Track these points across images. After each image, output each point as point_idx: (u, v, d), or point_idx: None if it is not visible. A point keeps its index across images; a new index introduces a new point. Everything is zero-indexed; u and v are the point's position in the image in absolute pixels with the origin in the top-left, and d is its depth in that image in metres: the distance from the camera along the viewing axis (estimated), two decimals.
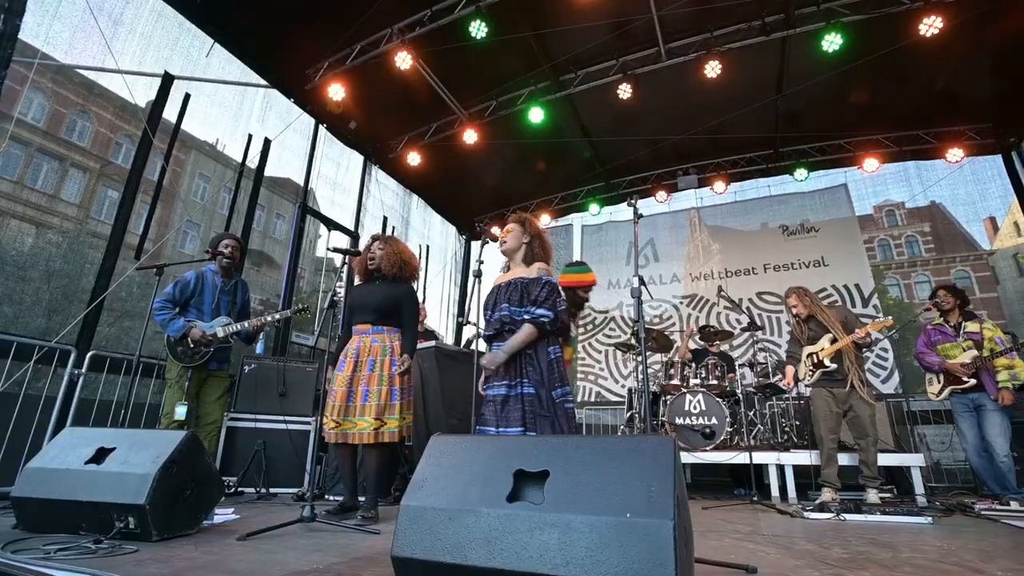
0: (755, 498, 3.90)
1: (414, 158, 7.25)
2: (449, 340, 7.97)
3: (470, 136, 6.78)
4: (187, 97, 5.18)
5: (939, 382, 4.26)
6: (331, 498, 3.79)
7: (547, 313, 2.53)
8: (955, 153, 6.88)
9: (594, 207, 8.64)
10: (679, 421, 4.83)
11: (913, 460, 4.11)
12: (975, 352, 4.05)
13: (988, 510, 3.55)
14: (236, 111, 6.30)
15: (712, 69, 5.83)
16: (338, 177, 7.29)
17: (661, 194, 8.18)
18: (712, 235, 8.49)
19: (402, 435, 3.09)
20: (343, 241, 7.12)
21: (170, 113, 5.06)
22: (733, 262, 8.03)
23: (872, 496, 3.73)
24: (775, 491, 4.34)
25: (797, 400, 5.14)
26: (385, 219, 7.76)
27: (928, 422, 5.64)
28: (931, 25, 5.11)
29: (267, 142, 6.16)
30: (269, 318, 3.51)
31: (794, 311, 4.30)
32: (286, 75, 6.07)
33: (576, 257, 9.34)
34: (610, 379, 8.08)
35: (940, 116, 6.84)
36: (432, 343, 4.28)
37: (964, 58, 5.81)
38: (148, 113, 4.87)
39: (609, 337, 8.32)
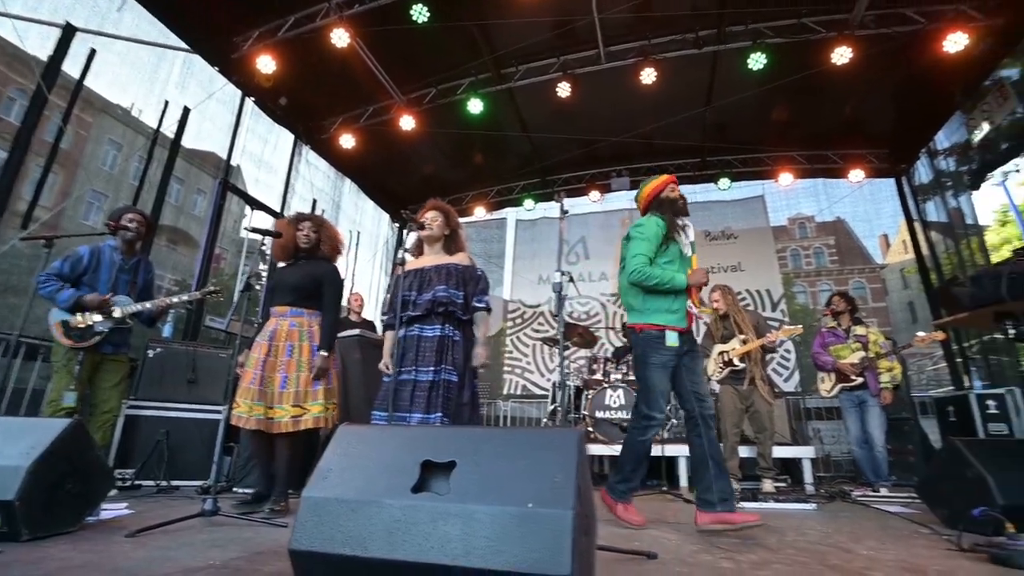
0: (664, 488, 4.11)
1: (348, 140, 7.01)
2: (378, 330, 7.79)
3: (407, 122, 6.63)
4: (92, 53, 4.72)
5: (830, 380, 4.68)
6: (241, 491, 3.61)
7: (490, 304, 2.64)
8: (856, 174, 7.53)
9: (529, 202, 8.72)
10: (599, 415, 5.00)
11: (805, 452, 4.50)
12: (862, 353, 4.48)
13: (863, 496, 3.95)
14: (151, 75, 5.82)
15: (648, 76, 6.02)
16: (265, 155, 6.91)
17: (594, 193, 8.38)
18: None
19: (328, 422, 2.90)
20: (269, 222, 6.77)
21: (74, 70, 4.60)
22: None
23: (767, 486, 4.04)
24: (684, 481, 4.59)
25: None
26: (315, 202, 7.45)
27: (821, 418, 6.17)
28: (843, 55, 5.54)
29: (186, 111, 5.74)
30: (174, 299, 3.25)
31: (715, 306, 4.56)
32: (211, 41, 5.67)
33: (508, 252, 9.42)
34: (536, 373, 8.22)
35: (846, 139, 7.45)
36: (356, 331, 4.17)
37: (870, 88, 6.35)
38: (46, 67, 4.40)
39: (537, 332, 8.46)
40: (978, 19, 5.22)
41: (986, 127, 5.80)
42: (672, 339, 2.60)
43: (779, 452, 4.40)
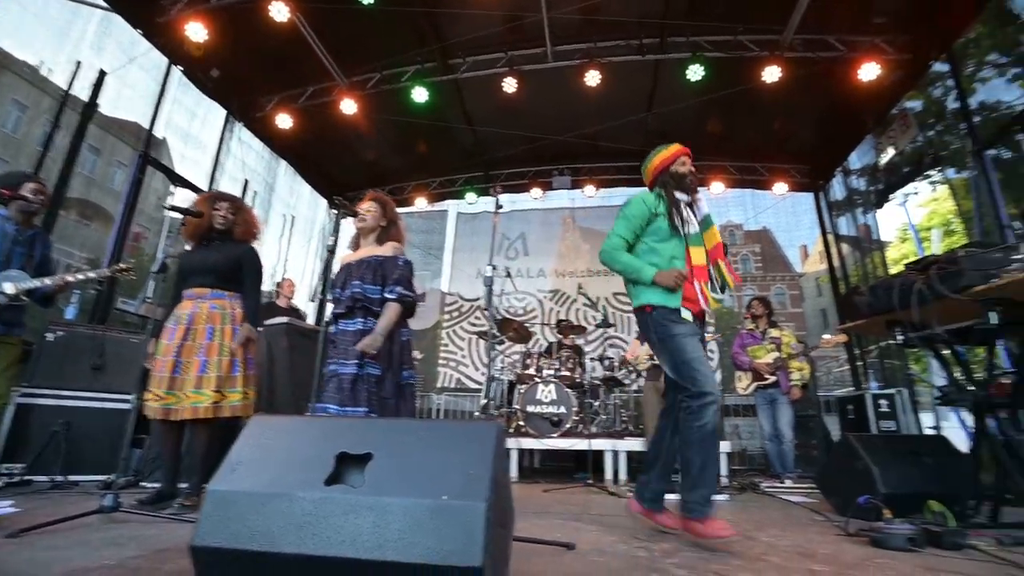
0: (589, 481, 4.24)
1: (285, 120, 6.70)
2: (311, 320, 7.53)
3: (349, 106, 6.42)
4: None
5: (747, 379, 5.01)
6: (150, 486, 3.39)
7: (408, 292, 2.55)
8: (780, 187, 8.03)
9: (471, 196, 8.68)
10: (530, 409, 5.07)
11: (722, 447, 4.77)
12: (776, 354, 4.81)
13: (770, 487, 4.24)
14: (62, 32, 5.33)
15: (592, 78, 6.14)
16: (193, 129, 6.50)
17: (536, 191, 8.46)
18: (583, 236, 9.02)
19: (245, 411, 2.79)
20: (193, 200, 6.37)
21: None
22: (598, 263, 8.63)
23: None
24: (609, 475, 4.75)
25: (637, 392, 5.67)
26: (247, 182, 7.08)
27: (739, 415, 6.56)
28: (772, 74, 5.88)
29: (102, 74, 5.28)
30: (78, 276, 2.99)
31: None
32: (133, 0, 5.25)
33: (448, 244, 9.37)
34: (471, 367, 8.24)
35: (773, 153, 7.93)
36: (284, 319, 4.02)
37: (795, 107, 6.78)
38: None
39: (473, 325, 8.47)
40: (889, 53, 5.69)
41: (891, 151, 6.35)
42: (687, 314, 2.30)
43: None
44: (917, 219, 11.65)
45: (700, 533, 2.11)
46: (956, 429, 4.89)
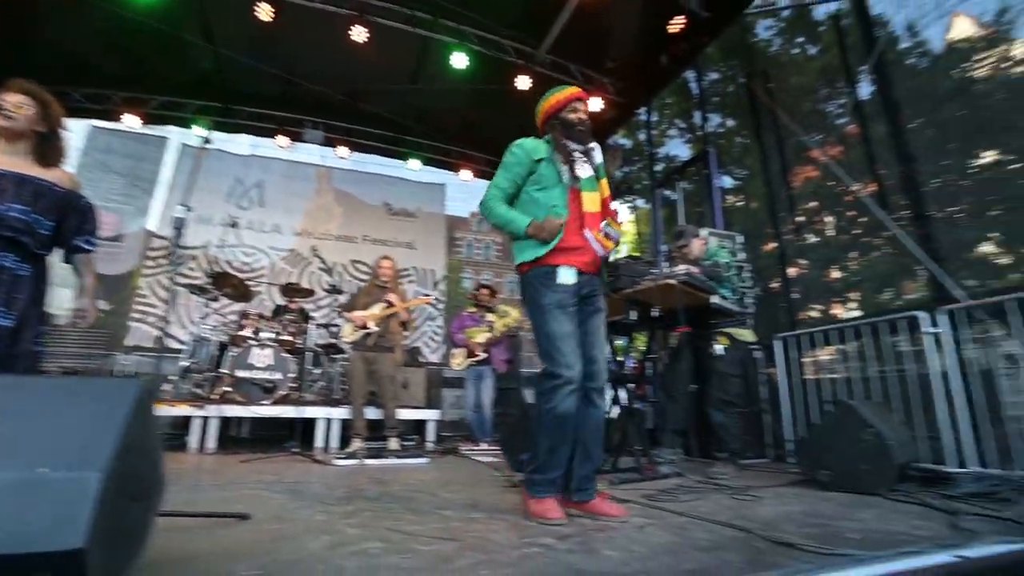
0: (295, 449, 4.08)
1: None
2: None
3: None
4: None
5: (462, 356, 5.52)
6: None
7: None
8: None
9: (200, 128, 7.35)
10: (241, 374, 4.61)
11: (430, 415, 5.16)
12: (488, 334, 5.40)
13: (468, 450, 4.76)
14: None
15: (359, 34, 5.83)
16: None
17: (283, 139, 7.67)
18: (338, 198, 8.54)
19: None
20: None
21: None
22: (345, 228, 8.29)
23: (393, 444, 4.46)
24: (320, 443, 4.65)
25: None
26: None
27: (453, 386, 7.14)
28: (524, 82, 6.50)
29: None
30: None
31: (382, 273, 4.71)
32: None
33: (164, 179, 7.82)
34: (176, 323, 7.06)
35: None
36: None
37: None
38: None
39: (186, 276, 7.26)
40: (610, 94, 6.88)
41: None
42: (566, 275, 2.07)
43: (408, 414, 4.92)
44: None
45: (529, 509, 2.00)
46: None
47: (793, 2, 5.09)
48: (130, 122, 7.20)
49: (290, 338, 5.06)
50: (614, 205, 2.34)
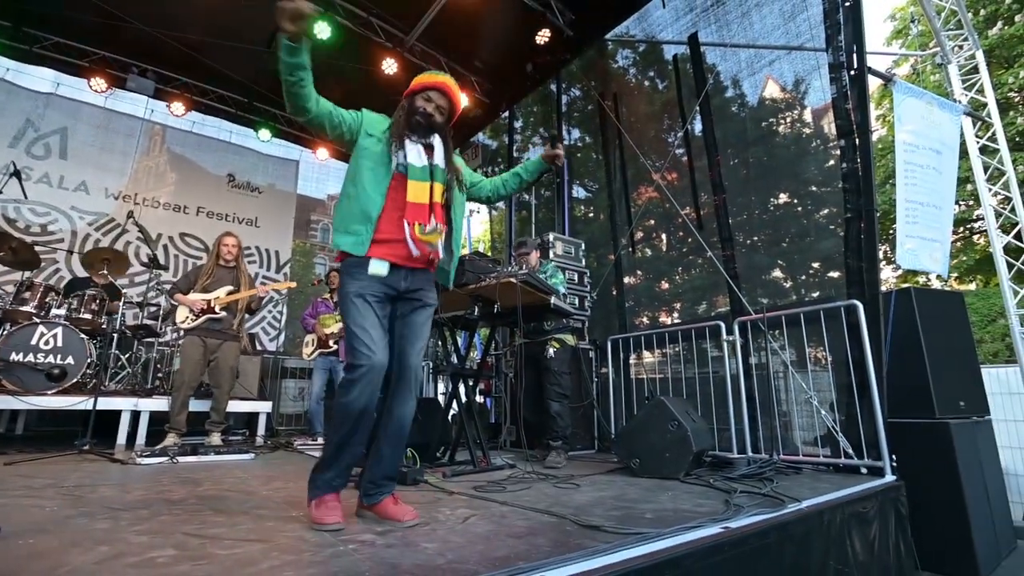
0: (86, 447, 3.49)
1: None
2: None
3: None
4: None
5: (312, 345, 5.19)
6: None
7: None
8: None
9: None
10: (16, 357, 3.82)
11: (262, 407, 4.77)
12: (341, 325, 5.14)
13: (303, 445, 4.49)
14: None
15: None
16: None
17: (99, 82, 6.51)
18: (172, 162, 7.43)
19: None
20: None
21: None
22: (178, 197, 7.27)
23: (215, 439, 4.03)
24: (123, 438, 4.04)
25: (175, 347, 5.04)
26: None
27: (296, 376, 6.70)
28: (390, 66, 6.31)
29: None
30: None
31: (226, 252, 4.22)
32: None
33: None
34: None
35: None
36: None
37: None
38: None
39: None
40: (477, 93, 6.97)
41: None
42: (377, 267, 1.92)
43: (238, 406, 4.49)
44: (476, 232, 14.67)
45: (309, 514, 1.83)
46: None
47: (647, 38, 5.62)
48: None
49: (91, 316, 4.31)
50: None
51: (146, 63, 6.72)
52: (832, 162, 3.86)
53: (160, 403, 4.20)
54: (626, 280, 5.43)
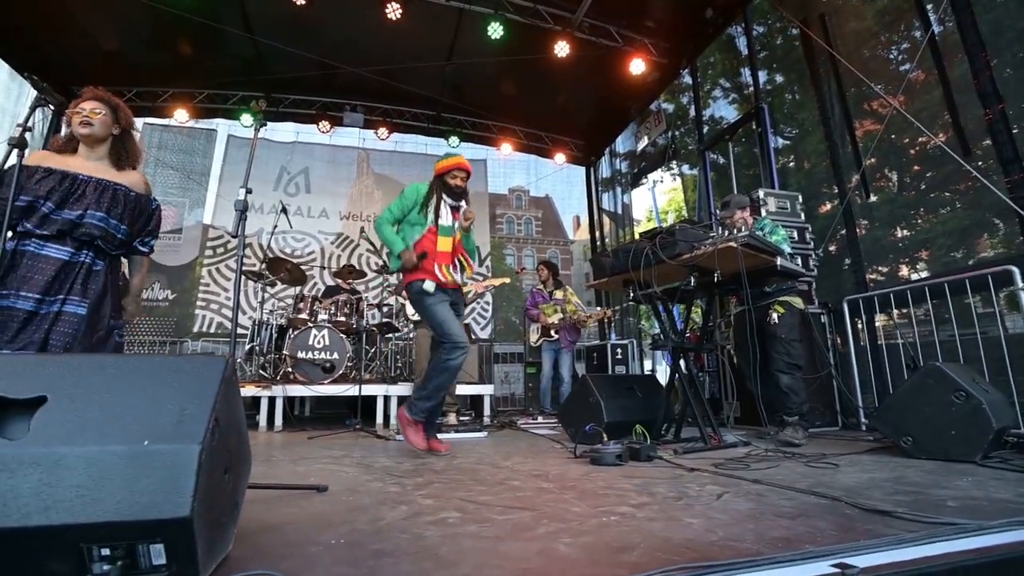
0: (358, 426, 4.20)
1: None
2: None
3: None
4: None
5: (537, 333, 5.69)
6: None
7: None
8: (560, 157, 8.82)
9: (247, 118, 7.54)
10: (301, 355, 4.77)
11: (486, 390, 5.21)
12: (560, 315, 5.48)
13: (524, 423, 4.79)
14: None
15: (393, 11, 5.78)
16: None
17: (324, 124, 7.78)
18: (377, 182, 8.61)
19: None
20: None
21: None
22: None
23: (452, 418, 4.53)
24: (380, 419, 4.78)
25: (409, 340, 5.79)
26: None
27: (507, 361, 7.21)
28: (563, 49, 6.31)
29: None
30: None
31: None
32: None
33: (215, 170, 8.08)
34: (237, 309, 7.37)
35: (557, 124, 8.61)
36: None
37: (579, 85, 7.42)
38: None
39: (243, 265, 7.53)
40: (653, 55, 6.58)
41: (645, 141, 7.46)
42: (428, 285, 2.92)
43: (466, 390, 4.99)
44: (661, 203, 14.04)
45: (405, 431, 2.96)
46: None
47: None
48: (180, 117, 7.45)
49: (344, 319, 5.18)
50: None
51: (354, 99, 7.81)
52: None
53: (404, 388, 4.87)
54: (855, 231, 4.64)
